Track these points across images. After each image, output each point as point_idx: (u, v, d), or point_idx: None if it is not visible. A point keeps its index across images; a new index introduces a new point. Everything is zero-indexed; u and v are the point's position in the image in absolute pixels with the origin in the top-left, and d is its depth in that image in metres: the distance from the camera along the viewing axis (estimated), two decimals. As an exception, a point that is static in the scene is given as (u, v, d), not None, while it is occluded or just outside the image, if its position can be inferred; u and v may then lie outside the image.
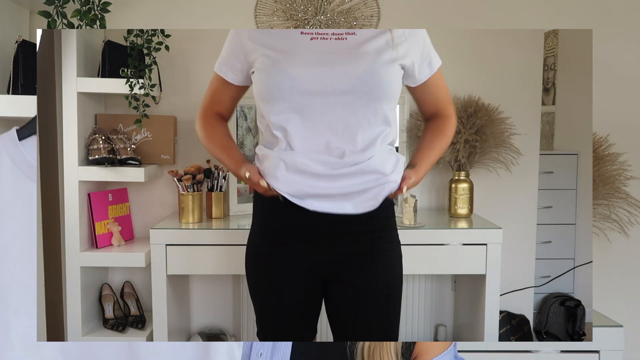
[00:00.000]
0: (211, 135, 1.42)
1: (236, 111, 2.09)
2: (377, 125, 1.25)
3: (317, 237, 1.27)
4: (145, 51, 2.11)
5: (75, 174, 2.07)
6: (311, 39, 1.26)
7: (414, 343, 1.04)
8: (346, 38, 1.26)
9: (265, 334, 1.35)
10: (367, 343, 1.02)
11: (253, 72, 1.30)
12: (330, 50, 1.24)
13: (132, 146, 2.24)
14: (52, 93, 2.07)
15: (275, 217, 1.30)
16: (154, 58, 2.13)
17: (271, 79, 1.23)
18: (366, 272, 1.28)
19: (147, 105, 2.16)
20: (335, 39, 1.26)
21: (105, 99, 2.34)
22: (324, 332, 2.26)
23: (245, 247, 1.39)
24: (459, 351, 1.44)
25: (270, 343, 1.05)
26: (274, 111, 1.24)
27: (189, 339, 2.37)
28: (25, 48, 2.00)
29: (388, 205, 1.32)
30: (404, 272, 1.37)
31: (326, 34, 1.27)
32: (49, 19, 1.92)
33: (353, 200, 1.24)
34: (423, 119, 1.48)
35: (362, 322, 1.29)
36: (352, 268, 1.28)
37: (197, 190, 2.12)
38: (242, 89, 1.41)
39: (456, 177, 2.22)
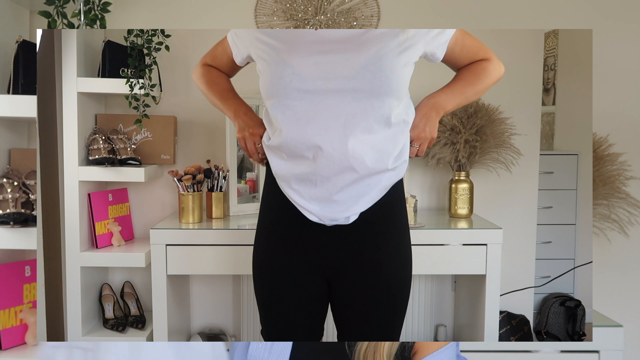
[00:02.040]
0: (210, 82, 1.46)
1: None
2: (379, 116, 1.22)
3: (323, 237, 1.26)
4: (145, 51, 2.11)
5: (75, 174, 2.07)
6: (315, 29, 1.25)
7: (413, 342, 1.04)
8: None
9: (270, 333, 1.35)
10: (364, 344, 1.02)
11: (256, 62, 1.31)
12: (334, 39, 1.23)
13: (132, 146, 2.24)
14: (52, 93, 2.08)
15: (282, 217, 1.30)
16: (154, 58, 2.13)
17: (274, 68, 1.23)
18: (370, 273, 1.27)
19: (147, 105, 2.16)
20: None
21: (105, 99, 2.34)
22: (331, 333, 2.26)
23: (247, 246, 1.39)
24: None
25: (269, 342, 1.05)
26: (276, 100, 1.23)
27: (189, 339, 2.37)
28: (25, 48, 2.00)
29: (397, 205, 1.31)
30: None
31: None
32: (49, 19, 1.92)
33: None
34: None
35: (364, 322, 1.29)
36: (357, 268, 1.28)
37: (197, 191, 2.12)
38: (237, 68, 1.47)
39: (456, 177, 2.22)
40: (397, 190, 1.31)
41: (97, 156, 2.09)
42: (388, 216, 1.29)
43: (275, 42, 1.26)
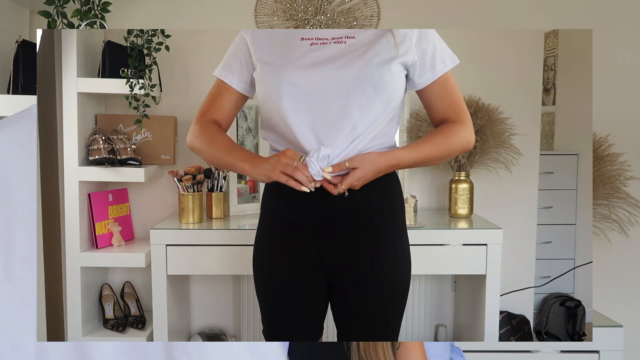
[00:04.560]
0: (209, 140, 1.33)
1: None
2: (371, 128, 1.24)
3: (323, 236, 1.27)
4: (145, 51, 2.12)
5: (76, 174, 2.07)
6: (311, 44, 1.26)
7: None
8: (345, 42, 1.26)
9: (271, 332, 1.35)
10: (363, 343, 1.02)
11: (254, 77, 1.31)
12: (329, 55, 1.25)
13: (133, 146, 2.24)
14: (52, 93, 2.08)
15: (283, 216, 1.30)
16: (154, 58, 2.13)
17: (270, 85, 1.25)
18: (370, 272, 1.28)
19: (147, 106, 2.16)
20: (335, 42, 1.26)
21: (105, 99, 2.34)
22: (331, 332, 2.26)
23: (247, 246, 1.39)
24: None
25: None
26: (273, 115, 1.26)
27: (189, 339, 2.37)
28: (25, 48, 2.00)
29: (396, 205, 1.32)
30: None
31: (326, 39, 1.27)
32: (49, 19, 1.92)
33: None
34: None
35: (363, 322, 1.29)
36: (356, 268, 1.28)
37: (197, 191, 2.12)
38: (242, 97, 1.38)
39: (456, 178, 2.22)
40: (395, 190, 1.32)
41: (97, 156, 2.09)
42: (387, 216, 1.29)
43: (272, 57, 1.27)
